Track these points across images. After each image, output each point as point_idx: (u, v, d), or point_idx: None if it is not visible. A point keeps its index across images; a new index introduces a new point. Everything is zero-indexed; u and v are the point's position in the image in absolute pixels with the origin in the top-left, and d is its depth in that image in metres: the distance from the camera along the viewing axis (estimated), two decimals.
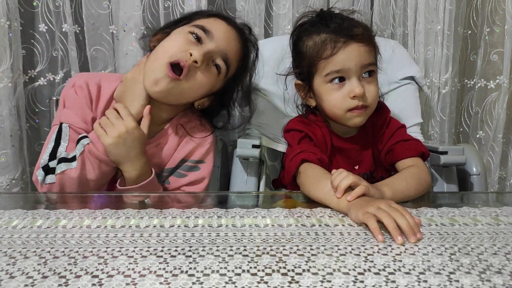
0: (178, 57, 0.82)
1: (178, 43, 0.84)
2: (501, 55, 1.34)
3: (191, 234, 0.58)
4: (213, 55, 0.86)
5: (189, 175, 0.92)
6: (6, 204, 0.77)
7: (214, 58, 0.86)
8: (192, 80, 0.85)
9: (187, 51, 0.83)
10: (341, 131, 0.92)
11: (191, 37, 0.85)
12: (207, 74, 0.86)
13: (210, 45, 0.85)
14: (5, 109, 1.15)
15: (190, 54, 0.82)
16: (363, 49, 0.83)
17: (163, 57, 0.84)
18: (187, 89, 0.86)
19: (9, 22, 1.13)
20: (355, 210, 0.63)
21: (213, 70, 0.87)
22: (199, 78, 0.85)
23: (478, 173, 1.01)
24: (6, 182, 1.18)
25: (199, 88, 0.88)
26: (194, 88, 0.87)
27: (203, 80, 0.86)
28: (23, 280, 0.45)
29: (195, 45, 0.84)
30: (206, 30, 0.85)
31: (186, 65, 0.82)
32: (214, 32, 0.86)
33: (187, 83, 0.84)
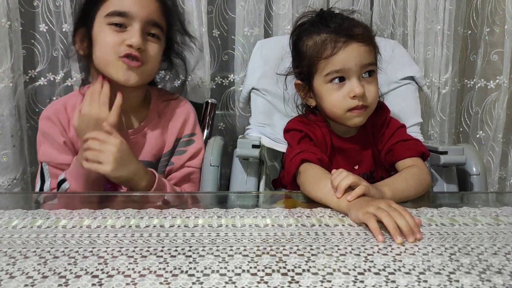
0: (123, 53, 0.86)
1: (109, 43, 0.86)
2: (501, 55, 1.34)
3: (191, 234, 0.58)
4: (144, 29, 0.88)
5: (188, 149, 0.97)
6: (6, 204, 0.77)
7: (146, 31, 0.89)
8: (147, 59, 0.89)
9: (123, 45, 0.86)
10: (341, 131, 0.92)
11: (114, 28, 0.86)
12: (152, 46, 0.90)
13: (136, 25, 0.87)
14: (6, 109, 1.15)
15: (129, 46, 0.85)
16: (363, 49, 0.83)
17: (111, 57, 0.87)
18: (149, 68, 0.91)
19: (9, 22, 1.13)
20: (355, 210, 0.63)
21: (153, 40, 0.90)
22: (149, 54, 0.89)
23: (478, 173, 1.01)
24: (7, 182, 1.18)
25: (155, 60, 0.92)
26: (153, 65, 0.91)
27: (153, 53, 0.90)
28: (23, 280, 0.45)
29: (124, 33, 0.86)
30: (121, 13, 0.86)
31: (133, 54, 0.86)
32: (129, 9, 0.86)
33: (146, 64, 0.89)
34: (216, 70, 1.35)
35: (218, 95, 1.36)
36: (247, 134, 1.11)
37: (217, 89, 1.36)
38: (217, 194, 0.93)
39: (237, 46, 1.28)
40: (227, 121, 1.39)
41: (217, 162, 1.01)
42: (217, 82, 1.36)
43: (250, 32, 1.27)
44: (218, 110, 1.36)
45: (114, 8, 0.86)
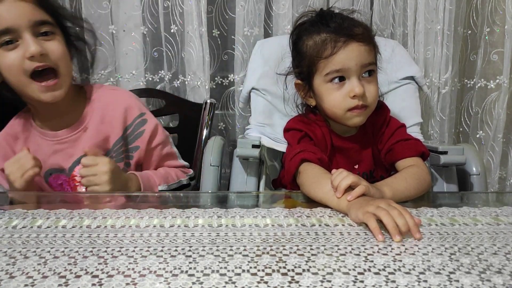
0: (31, 68, 0.82)
1: (11, 64, 0.82)
2: (501, 55, 1.34)
3: (191, 234, 0.58)
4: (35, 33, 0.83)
5: (145, 127, 0.96)
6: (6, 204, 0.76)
7: (36, 34, 0.83)
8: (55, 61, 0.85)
9: (25, 59, 0.81)
10: (341, 130, 0.92)
11: (8, 46, 0.82)
12: (51, 44, 0.85)
13: (25, 34, 0.81)
14: None
15: (31, 57, 0.81)
16: (363, 48, 0.83)
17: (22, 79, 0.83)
18: (64, 69, 0.87)
19: None
20: (355, 209, 0.63)
21: (47, 38, 0.85)
22: (55, 54, 0.85)
23: (478, 173, 1.01)
24: None
25: (64, 56, 0.87)
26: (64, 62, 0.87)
27: (57, 50, 0.85)
28: (23, 280, 0.45)
29: (19, 48, 0.82)
30: (6, 30, 0.80)
31: (41, 65, 0.82)
32: (10, 24, 0.80)
33: (59, 69, 0.85)
34: (216, 70, 1.35)
35: (218, 95, 1.36)
36: (247, 134, 1.11)
37: (217, 89, 1.36)
38: (217, 194, 0.93)
39: (237, 46, 1.28)
40: (227, 121, 1.39)
41: (217, 162, 1.01)
42: (217, 82, 1.36)
43: (250, 32, 1.27)
44: (218, 110, 1.36)
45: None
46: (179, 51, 1.30)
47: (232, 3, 1.29)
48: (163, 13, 1.26)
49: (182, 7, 1.25)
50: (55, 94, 0.86)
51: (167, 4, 1.26)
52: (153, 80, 1.33)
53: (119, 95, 0.99)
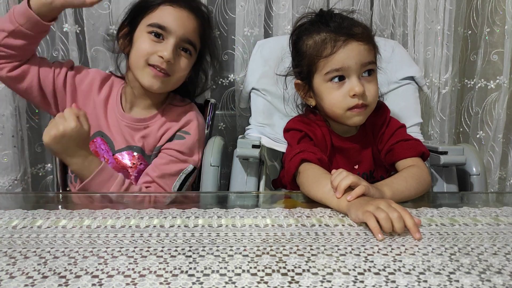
0: (154, 62, 0.93)
1: (144, 50, 0.94)
2: (501, 55, 1.34)
3: (191, 234, 0.58)
4: (178, 45, 0.95)
5: (174, 141, 1.00)
6: (6, 204, 0.77)
7: (180, 46, 0.96)
8: (175, 71, 0.96)
9: (156, 54, 0.93)
10: (341, 130, 0.92)
11: (152, 36, 0.94)
12: (183, 60, 0.97)
13: (171, 40, 0.94)
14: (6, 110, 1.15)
15: (161, 57, 0.92)
16: (363, 47, 0.83)
17: (141, 63, 0.94)
18: (175, 79, 0.98)
19: None
20: (355, 209, 0.63)
21: (185, 55, 0.97)
22: (178, 66, 0.96)
23: (478, 173, 1.01)
24: (8, 182, 1.19)
25: (183, 72, 0.99)
26: (179, 76, 0.98)
27: (182, 66, 0.97)
28: (23, 280, 0.45)
29: (159, 44, 0.94)
30: (161, 26, 0.93)
31: (161, 67, 0.93)
32: (169, 24, 0.93)
33: (173, 75, 0.96)
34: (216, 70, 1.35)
35: (218, 95, 1.36)
36: (247, 134, 1.11)
37: (217, 89, 1.36)
38: (217, 194, 0.93)
39: (237, 46, 1.28)
40: (227, 121, 1.39)
41: (217, 162, 1.01)
42: (217, 82, 1.36)
43: (250, 32, 1.27)
44: (218, 110, 1.36)
45: (156, 20, 0.94)
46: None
47: (232, 3, 1.29)
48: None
49: None
50: (156, 83, 0.95)
51: None
52: None
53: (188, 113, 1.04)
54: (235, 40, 1.29)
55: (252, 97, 1.13)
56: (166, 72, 0.94)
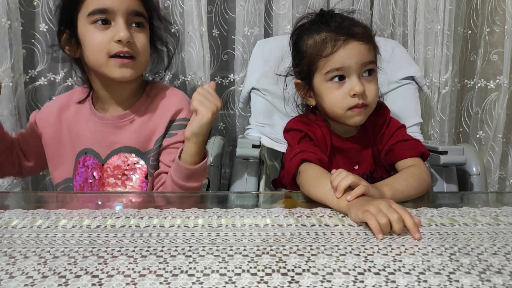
0: (115, 50, 0.87)
1: (98, 43, 0.87)
2: (501, 55, 1.34)
3: (191, 234, 0.58)
4: (128, 22, 0.89)
5: (178, 133, 0.95)
6: (6, 204, 0.76)
7: (130, 22, 0.90)
8: (138, 51, 0.90)
9: (112, 41, 0.87)
10: (341, 130, 0.92)
11: (99, 25, 0.87)
12: (140, 36, 0.91)
13: (119, 19, 0.87)
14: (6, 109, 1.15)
15: (119, 41, 0.86)
16: (363, 47, 0.83)
17: (102, 58, 0.88)
18: (142, 59, 0.92)
19: (9, 22, 1.13)
20: (355, 209, 0.63)
21: (138, 29, 0.91)
22: (140, 44, 0.91)
23: (478, 173, 1.01)
24: (7, 182, 1.19)
25: (146, 48, 0.93)
26: (145, 55, 0.93)
27: (142, 42, 0.91)
28: (23, 280, 0.45)
29: (110, 30, 0.87)
30: (103, 10, 0.87)
31: (124, 51, 0.87)
32: (108, 4, 0.87)
33: (138, 57, 0.90)
34: (216, 70, 1.35)
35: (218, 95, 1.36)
36: (247, 134, 1.11)
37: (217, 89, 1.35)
38: (217, 194, 0.93)
39: (237, 46, 1.28)
40: (227, 121, 1.39)
41: (217, 162, 1.01)
42: (217, 82, 1.36)
43: (250, 32, 1.27)
44: None
45: (94, 6, 0.86)
46: (180, 51, 1.30)
47: (232, 3, 1.29)
48: (163, 13, 1.25)
49: (183, 7, 1.25)
50: (127, 71, 0.89)
51: (167, 4, 1.26)
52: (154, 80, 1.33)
53: (174, 95, 0.99)
54: (235, 40, 1.29)
55: (252, 97, 1.13)
56: (131, 55, 0.89)
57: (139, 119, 0.95)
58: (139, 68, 0.92)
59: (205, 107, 0.85)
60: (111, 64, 0.88)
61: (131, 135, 0.95)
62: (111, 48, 0.87)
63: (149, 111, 0.96)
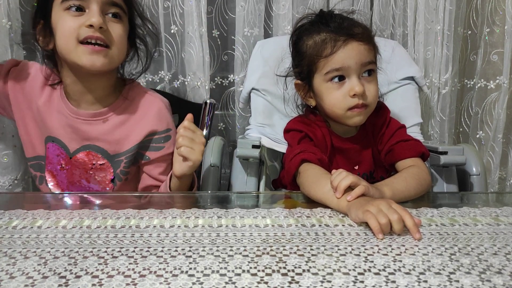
0: (85, 35, 0.82)
1: (68, 28, 0.83)
2: (501, 55, 1.34)
3: (191, 234, 0.58)
4: (103, 10, 0.85)
5: (166, 145, 0.95)
6: (6, 204, 0.77)
7: (105, 11, 0.85)
8: (112, 40, 0.85)
9: (83, 27, 0.82)
10: (341, 131, 0.92)
11: (73, 12, 0.83)
12: (116, 26, 0.86)
13: (94, 5, 0.83)
14: None
15: (90, 26, 0.82)
16: (363, 47, 0.83)
17: (71, 43, 0.83)
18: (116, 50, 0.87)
19: (10, 23, 1.13)
20: (355, 209, 0.63)
21: (115, 20, 0.87)
22: (114, 34, 0.86)
23: (478, 173, 1.01)
24: (8, 182, 1.19)
25: (121, 39, 0.88)
26: (120, 45, 0.87)
27: (118, 32, 0.86)
28: (23, 280, 0.45)
29: (83, 17, 0.83)
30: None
31: (94, 36, 0.82)
32: None
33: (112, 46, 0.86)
34: (216, 70, 1.35)
35: (218, 95, 1.36)
36: (247, 134, 1.11)
37: (217, 89, 1.36)
38: (217, 194, 0.93)
39: (237, 46, 1.28)
40: (227, 121, 1.39)
41: (217, 162, 1.01)
42: (217, 82, 1.36)
43: (250, 32, 1.27)
44: (218, 110, 1.36)
45: None
46: (179, 51, 1.30)
47: (232, 4, 1.29)
48: (163, 13, 1.26)
49: (182, 8, 1.25)
50: (97, 59, 0.84)
51: (167, 4, 1.26)
52: (153, 81, 1.33)
53: (154, 103, 0.96)
54: (235, 40, 1.29)
55: (252, 97, 1.13)
56: (103, 43, 0.84)
57: (113, 120, 0.92)
58: (112, 58, 0.86)
59: (195, 153, 0.84)
60: (80, 50, 0.83)
61: (102, 135, 0.92)
62: (81, 32, 0.82)
63: (125, 113, 0.93)
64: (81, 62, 0.84)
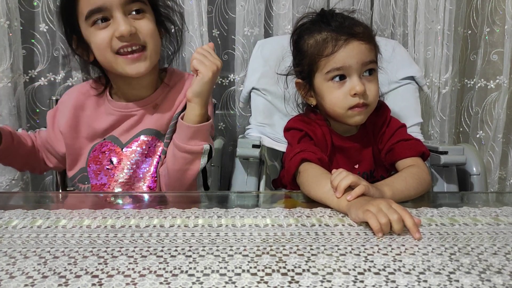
0: (118, 46, 0.85)
1: (101, 43, 0.85)
2: (501, 55, 1.34)
3: (191, 234, 0.58)
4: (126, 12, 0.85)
5: None
6: (6, 204, 0.76)
7: (129, 11, 0.86)
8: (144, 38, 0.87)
9: (114, 38, 0.84)
10: (341, 130, 0.92)
11: (99, 25, 0.85)
12: (143, 22, 0.87)
13: (116, 13, 0.84)
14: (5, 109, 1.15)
15: (121, 36, 0.83)
16: (363, 47, 0.83)
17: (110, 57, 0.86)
18: (152, 46, 0.88)
19: (9, 22, 1.13)
20: (355, 209, 0.63)
21: (140, 16, 0.87)
22: (145, 31, 0.87)
23: (478, 173, 1.01)
24: (6, 182, 1.19)
25: (153, 33, 0.88)
26: (153, 41, 0.88)
27: (147, 28, 0.87)
28: (23, 280, 0.45)
29: (111, 27, 0.84)
30: (96, 9, 0.84)
31: (129, 44, 0.85)
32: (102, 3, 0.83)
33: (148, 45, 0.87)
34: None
35: (218, 95, 1.36)
36: (247, 134, 1.11)
37: (217, 89, 1.36)
38: (217, 194, 0.93)
39: (237, 46, 1.28)
40: (227, 121, 1.39)
41: (217, 162, 1.01)
42: (217, 82, 1.36)
43: (250, 32, 1.27)
44: (218, 110, 1.36)
45: (87, 8, 0.84)
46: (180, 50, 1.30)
47: (232, 3, 1.29)
48: None
49: (183, 7, 1.25)
50: (140, 66, 0.87)
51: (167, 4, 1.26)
52: None
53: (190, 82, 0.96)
54: (235, 40, 1.29)
55: (252, 97, 1.14)
56: (139, 46, 0.86)
57: (161, 106, 0.94)
58: (152, 57, 0.89)
59: (205, 66, 0.83)
60: (121, 61, 0.86)
61: (152, 120, 0.94)
62: (114, 44, 0.85)
63: (169, 99, 0.95)
64: (125, 72, 0.87)
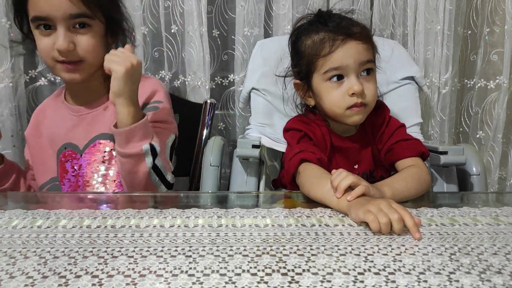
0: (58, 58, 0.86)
1: (43, 49, 0.87)
2: (501, 55, 1.34)
3: (191, 234, 0.58)
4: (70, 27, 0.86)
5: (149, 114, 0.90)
6: (6, 204, 0.77)
7: (73, 25, 0.86)
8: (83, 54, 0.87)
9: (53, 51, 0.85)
10: (341, 130, 0.92)
11: (42, 31, 0.86)
12: (84, 39, 0.87)
13: (59, 27, 0.84)
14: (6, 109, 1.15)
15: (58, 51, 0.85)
16: (361, 46, 0.83)
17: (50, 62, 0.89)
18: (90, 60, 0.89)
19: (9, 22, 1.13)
20: (355, 209, 0.63)
21: (83, 31, 0.87)
22: (84, 47, 0.87)
23: (478, 173, 1.01)
24: None
25: (93, 48, 0.89)
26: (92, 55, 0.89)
27: (86, 44, 0.87)
28: (23, 280, 0.45)
29: (53, 36, 0.85)
30: (41, 17, 0.84)
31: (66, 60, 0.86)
32: (46, 13, 0.83)
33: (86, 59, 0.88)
34: (216, 70, 1.35)
35: (218, 95, 1.36)
36: (247, 134, 1.11)
37: (217, 89, 1.37)
38: (217, 194, 0.93)
39: (237, 46, 1.29)
40: (227, 121, 1.39)
41: (217, 162, 1.01)
42: (217, 82, 1.36)
43: (250, 32, 1.27)
44: (218, 110, 1.36)
45: (34, 13, 0.85)
46: (180, 51, 1.30)
47: (232, 3, 1.30)
48: (163, 13, 1.26)
49: (183, 7, 1.25)
50: (73, 76, 0.89)
51: (167, 4, 1.26)
52: None
53: (148, 80, 0.97)
54: (235, 40, 1.29)
55: (252, 97, 1.13)
56: (75, 60, 0.87)
57: (112, 107, 0.91)
58: (88, 69, 0.90)
59: (116, 62, 0.81)
60: (58, 68, 0.88)
61: (107, 122, 0.92)
62: (55, 55, 0.86)
63: None
64: (63, 77, 0.90)
